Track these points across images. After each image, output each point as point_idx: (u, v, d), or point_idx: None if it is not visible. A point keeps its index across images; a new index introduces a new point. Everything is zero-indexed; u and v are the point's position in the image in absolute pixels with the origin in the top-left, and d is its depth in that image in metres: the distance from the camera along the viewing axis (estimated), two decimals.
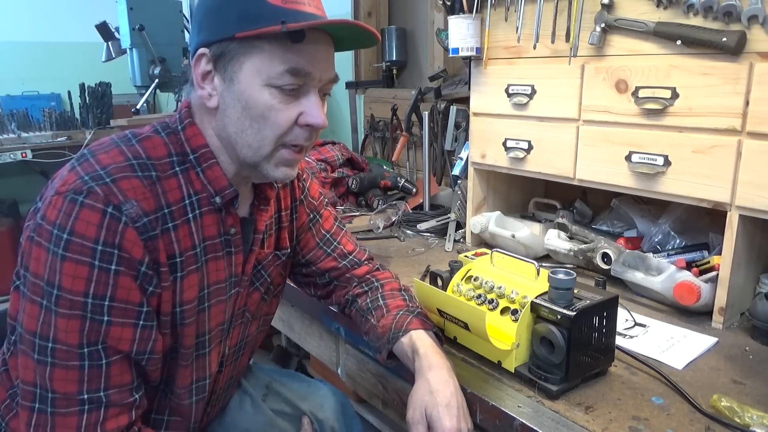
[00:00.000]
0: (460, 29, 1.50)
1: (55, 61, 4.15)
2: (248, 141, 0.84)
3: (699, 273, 1.19)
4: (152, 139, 0.85)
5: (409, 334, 0.98)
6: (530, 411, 0.90)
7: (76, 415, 0.77)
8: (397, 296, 1.09)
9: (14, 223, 3.75)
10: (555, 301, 0.93)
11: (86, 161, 0.80)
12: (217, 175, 0.87)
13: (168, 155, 0.85)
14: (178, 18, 3.33)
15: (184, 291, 0.85)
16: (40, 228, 0.76)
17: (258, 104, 0.81)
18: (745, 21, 1.05)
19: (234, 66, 0.81)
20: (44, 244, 0.75)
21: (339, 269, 1.14)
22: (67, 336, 0.75)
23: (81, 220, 0.74)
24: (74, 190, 0.76)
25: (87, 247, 0.74)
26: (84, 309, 0.75)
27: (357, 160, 2.21)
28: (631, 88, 1.22)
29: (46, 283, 0.75)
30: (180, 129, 0.87)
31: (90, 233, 0.74)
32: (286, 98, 0.82)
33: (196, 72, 0.85)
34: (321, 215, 1.14)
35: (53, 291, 0.75)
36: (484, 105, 1.55)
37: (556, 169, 1.41)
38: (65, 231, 0.74)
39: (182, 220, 0.84)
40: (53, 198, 0.77)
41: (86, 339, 0.76)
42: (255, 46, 0.80)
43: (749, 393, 0.93)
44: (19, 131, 3.41)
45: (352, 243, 1.18)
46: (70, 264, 0.74)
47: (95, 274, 0.75)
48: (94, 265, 0.75)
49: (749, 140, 1.07)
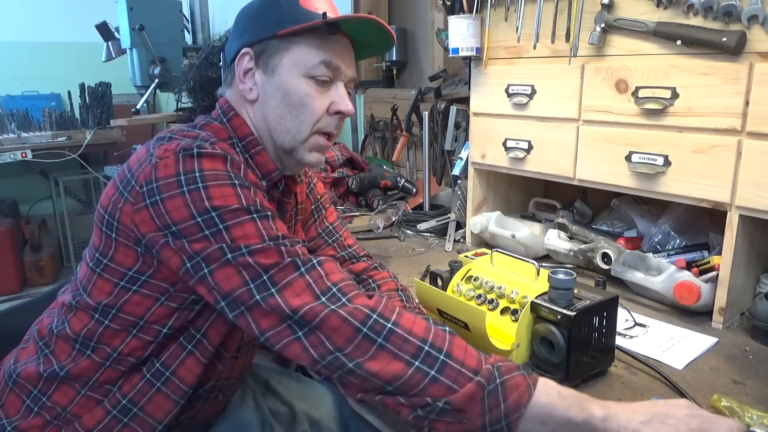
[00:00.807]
0: (460, 29, 1.50)
1: (55, 61, 4.15)
2: (287, 126, 0.93)
3: (699, 273, 1.19)
4: (212, 125, 0.94)
5: None
6: None
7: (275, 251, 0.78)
8: (393, 297, 1.09)
9: (14, 223, 3.75)
10: (555, 301, 0.93)
11: (171, 140, 0.84)
12: (265, 160, 0.95)
13: (228, 138, 0.94)
14: (178, 18, 3.33)
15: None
16: (159, 187, 0.78)
17: (297, 92, 0.92)
18: (745, 21, 1.05)
19: (275, 60, 0.92)
20: (175, 193, 0.77)
21: (337, 259, 1.16)
22: (248, 239, 0.77)
23: (206, 160, 0.79)
24: (183, 149, 0.80)
25: (221, 174, 0.79)
26: (249, 212, 0.78)
27: (357, 160, 2.22)
28: (631, 88, 1.22)
29: (199, 215, 0.76)
30: (226, 120, 0.95)
31: (218, 167, 0.79)
32: (320, 89, 0.93)
33: (239, 69, 0.94)
34: (325, 209, 1.20)
35: (210, 214, 0.76)
36: (484, 105, 1.55)
37: (556, 169, 1.41)
38: (194, 171, 0.78)
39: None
40: (159, 162, 0.79)
41: (267, 235, 0.78)
42: (293, 41, 0.91)
43: (749, 393, 0.93)
44: (19, 131, 3.41)
45: (352, 239, 1.22)
46: (214, 188, 0.78)
47: (238, 191, 0.79)
48: (235, 184, 0.80)
49: (749, 140, 1.07)
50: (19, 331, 0.99)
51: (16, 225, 3.79)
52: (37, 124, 3.55)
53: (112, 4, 3.05)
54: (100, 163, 3.79)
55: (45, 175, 3.92)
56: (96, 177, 3.74)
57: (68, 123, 3.59)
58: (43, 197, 4.06)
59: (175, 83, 3.02)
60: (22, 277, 3.72)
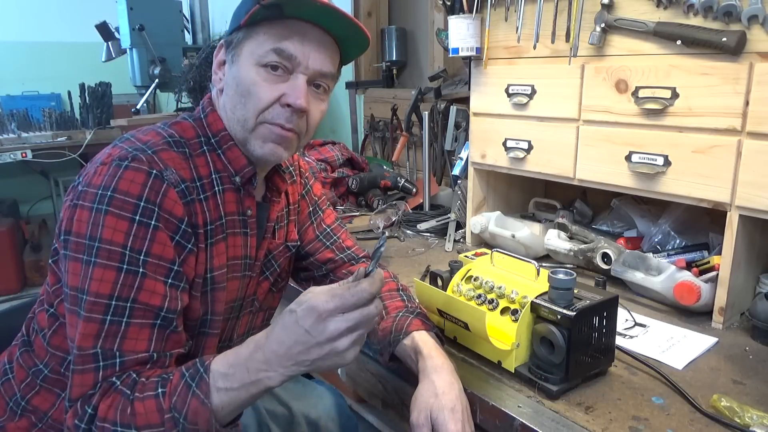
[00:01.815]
0: (460, 29, 1.50)
1: (55, 61, 4.15)
2: (237, 116, 0.91)
3: (699, 273, 1.19)
4: (182, 124, 0.94)
5: (410, 335, 0.98)
6: (530, 411, 0.90)
7: (91, 371, 0.78)
8: (395, 297, 1.09)
9: (14, 223, 3.75)
10: (555, 301, 0.93)
11: (127, 140, 0.87)
12: (236, 155, 0.93)
13: (196, 136, 0.93)
14: (178, 18, 3.33)
15: (215, 257, 0.91)
16: (84, 193, 0.81)
17: (246, 80, 0.89)
18: (745, 21, 1.05)
19: (237, 50, 0.91)
20: (87, 205, 0.80)
21: (336, 261, 1.17)
22: (101, 286, 0.78)
23: (125, 180, 0.80)
24: (119, 157, 0.82)
25: (129, 203, 0.79)
26: (122, 261, 0.79)
27: (357, 160, 2.22)
28: (631, 88, 1.22)
29: (88, 238, 0.79)
30: (203, 117, 0.95)
31: (133, 190, 0.80)
32: (271, 78, 0.89)
33: (215, 61, 0.96)
34: (323, 211, 1.19)
35: (94, 244, 0.79)
36: (484, 105, 1.55)
37: (556, 169, 1.41)
38: (109, 189, 0.79)
39: (211, 193, 0.91)
40: (98, 168, 0.82)
41: (118, 292, 0.78)
42: (253, 31, 0.89)
43: (749, 393, 0.93)
44: (19, 131, 3.41)
45: (351, 240, 1.21)
46: (112, 218, 0.79)
47: (134, 228, 0.79)
48: (135, 219, 0.79)
49: (749, 140, 1.07)
50: (19, 332, 0.99)
51: (16, 225, 3.79)
52: (37, 124, 3.55)
53: (112, 4, 3.06)
54: None
55: (45, 175, 3.92)
56: None
57: (68, 123, 3.59)
58: (43, 197, 4.06)
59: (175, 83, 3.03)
60: (22, 277, 3.72)
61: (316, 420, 1.22)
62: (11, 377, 0.93)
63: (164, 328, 0.82)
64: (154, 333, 0.81)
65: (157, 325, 0.81)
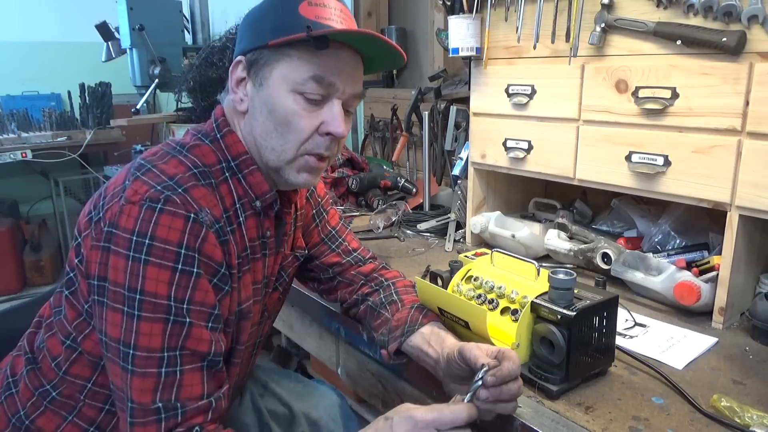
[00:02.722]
0: (460, 29, 1.50)
1: (55, 61, 4.15)
2: (272, 144, 0.88)
3: (699, 273, 1.19)
4: (201, 148, 0.89)
5: (427, 325, 0.98)
6: (530, 411, 0.90)
7: (153, 423, 0.77)
8: (411, 292, 1.10)
9: (14, 223, 3.76)
10: (555, 301, 0.93)
11: (149, 171, 0.82)
12: (258, 181, 0.90)
13: (218, 162, 0.89)
14: (178, 18, 3.33)
15: (242, 290, 0.90)
16: (114, 236, 0.78)
17: (283, 109, 0.85)
18: (745, 21, 1.05)
19: (265, 72, 0.86)
20: (122, 252, 0.77)
21: (342, 265, 1.16)
22: (150, 340, 0.76)
23: (162, 226, 0.76)
24: (150, 198, 0.78)
25: (170, 251, 0.76)
26: (168, 312, 0.77)
27: (357, 160, 2.21)
28: (631, 88, 1.22)
29: (128, 290, 0.76)
30: (219, 137, 0.90)
31: (173, 237, 0.77)
32: (309, 106, 0.86)
33: (232, 77, 0.90)
34: (327, 212, 1.17)
35: (135, 296, 0.76)
36: (484, 105, 1.55)
37: (556, 169, 1.41)
38: (146, 236, 0.76)
39: (236, 224, 0.88)
40: (125, 207, 0.78)
41: (167, 342, 0.77)
42: (285, 53, 0.85)
43: (749, 393, 0.93)
44: (19, 131, 3.41)
45: (357, 241, 1.20)
46: (153, 268, 0.76)
47: (177, 278, 0.77)
48: (177, 269, 0.77)
49: (749, 140, 1.07)
50: (19, 332, 0.99)
51: (16, 225, 3.79)
52: (37, 124, 3.55)
53: (112, 4, 3.05)
54: (100, 163, 3.79)
55: (45, 175, 3.92)
56: (96, 177, 3.74)
57: (68, 123, 3.60)
58: (43, 197, 4.06)
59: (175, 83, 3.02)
60: (22, 277, 3.72)
61: (316, 420, 1.22)
62: (14, 392, 0.92)
63: (212, 369, 0.82)
64: (204, 376, 0.80)
65: (205, 368, 0.80)
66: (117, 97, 3.73)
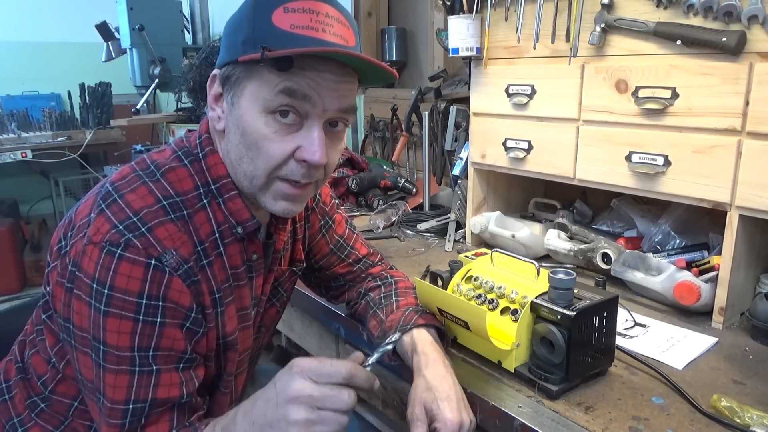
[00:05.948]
0: (460, 29, 1.50)
1: (55, 61, 4.15)
2: (244, 170, 0.81)
3: (699, 273, 1.19)
4: (176, 171, 0.82)
5: (410, 333, 0.97)
6: (530, 411, 0.90)
7: None
8: (409, 294, 1.09)
9: (14, 223, 3.76)
10: (555, 301, 0.93)
11: (114, 203, 0.77)
12: (239, 208, 0.84)
13: (195, 188, 0.82)
14: (178, 18, 3.33)
15: (226, 324, 0.86)
16: (76, 278, 0.75)
17: (252, 132, 0.77)
18: (745, 21, 1.04)
19: (237, 90, 0.79)
20: (84, 299, 0.74)
21: (354, 272, 1.16)
22: (115, 392, 0.74)
23: (121, 275, 0.72)
24: (110, 242, 0.73)
25: (129, 302, 0.73)
26: (132, 363, 0.74)
27: (357, 160, 2.21)
28: (631, 88, 1.22)
29: (93, 338, 0.74)
30: (201, 156, 0.84)
31: (133, 287, 0.72)
32: (282, 129, 0.77)
33: (209, 93, 0.83)
34: (333, 220, 1.14)
35: (99, 346, 0.74)
36: (484, 105, 1.55)
37: (556, 169, 1.41)
38: (105, 286, 0.72)
39: (214, 255, 0.83)
40: (87, 248, 0.74)
41: (135, 394, 0.75)
42: (256, 71, 0.76)
43: (749, 393, 0.93)
44: (19, 131, 3.42)
45: (365, 246, 1.19)
46: (113, 320, 0.73)
47: (139, 328, 0.73)
48: (138, 319, 0.73)
49: (749, 140, 1.07)
50: (19, 333, 0.99)
51: (16, 225, 3.80)
52: (37, 124, 3.55)
53: (112, 4, 3.06)
54: (100, 163, 3.80)
55: (45, 175, 3.92)
56: (96, 177, 3.75)
57: (68, 123, 3.60)
58: (43, 197, 4.07)
59: (175, 83, 3.03)
60: (22, 277, 3.72)
61: None
62: (7, 398, 0.91)
63: (183, 407, 0.79)
64: (175, 414, 0.78)
65: (176, 409, 0.78)
66: (117, 97, 3.73)
